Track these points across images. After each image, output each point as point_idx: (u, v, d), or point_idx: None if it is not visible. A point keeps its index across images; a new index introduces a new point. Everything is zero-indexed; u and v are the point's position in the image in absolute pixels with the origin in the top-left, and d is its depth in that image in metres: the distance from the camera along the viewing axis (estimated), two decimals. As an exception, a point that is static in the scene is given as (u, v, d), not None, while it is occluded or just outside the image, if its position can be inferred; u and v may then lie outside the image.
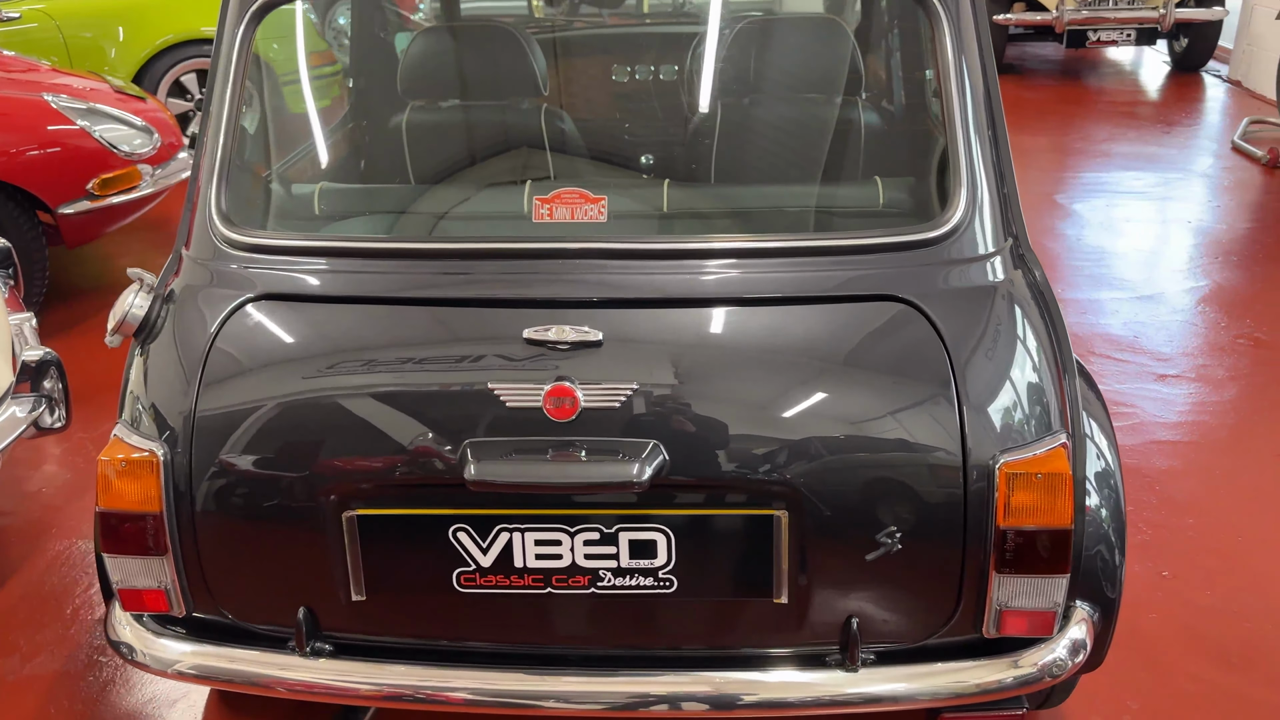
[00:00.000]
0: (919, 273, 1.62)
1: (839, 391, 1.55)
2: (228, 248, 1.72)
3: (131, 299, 1.71)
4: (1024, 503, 1.54)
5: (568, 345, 1.54)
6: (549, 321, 1.56)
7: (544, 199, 1.69)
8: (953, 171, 1.67)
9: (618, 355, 1.54)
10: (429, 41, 2.52)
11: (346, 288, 1.65)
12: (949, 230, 1.64)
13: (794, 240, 1.62)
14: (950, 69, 1.71)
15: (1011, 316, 1.63)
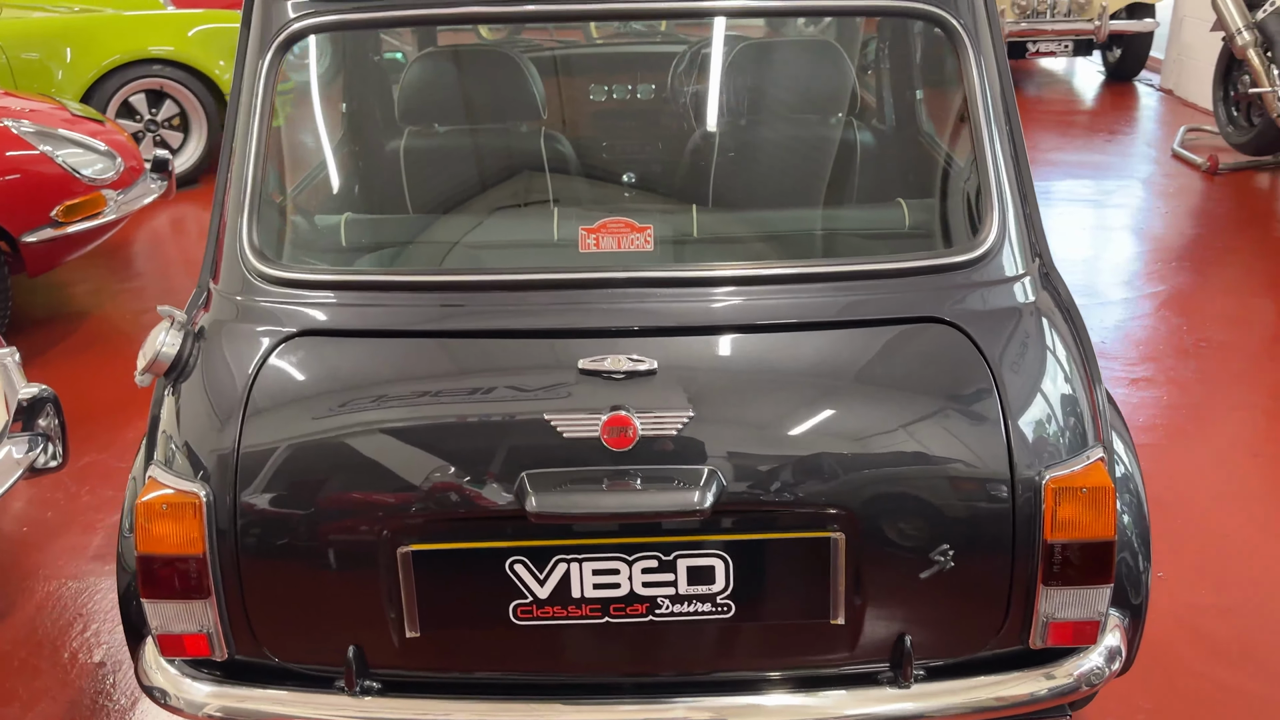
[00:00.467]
0: (958, 295, 1.65)
1: (889, 413, 1.58)
2: (263, 283, 1.69)
3: (163, 337, 1.68)
4: (1070, 516, 1.58)
5: (622, 375, 1.54)
6: (601, 351, 1.57)
7: (590, 229, 1.69)
8: (983, 194, 1.71)
9: (672, 383, 1.55)
10: (427, 66, 2.50)
11: (393, 321, 1.64)
12: (984, 253, 1.68)
13: (839, 265, 1.65)
14: (976, 93, 1.75)
15: (1047, 335, 1.68)
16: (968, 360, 1.60)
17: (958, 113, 2.04)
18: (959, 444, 1.57)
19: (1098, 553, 1.59)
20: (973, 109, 1.75)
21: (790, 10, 1.78)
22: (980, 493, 1.57)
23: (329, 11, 1.76)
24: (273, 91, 1.77)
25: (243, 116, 1.79)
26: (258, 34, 1.81)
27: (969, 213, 1.85)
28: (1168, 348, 3.97)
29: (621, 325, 1.58)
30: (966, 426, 1.58)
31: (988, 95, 1.76)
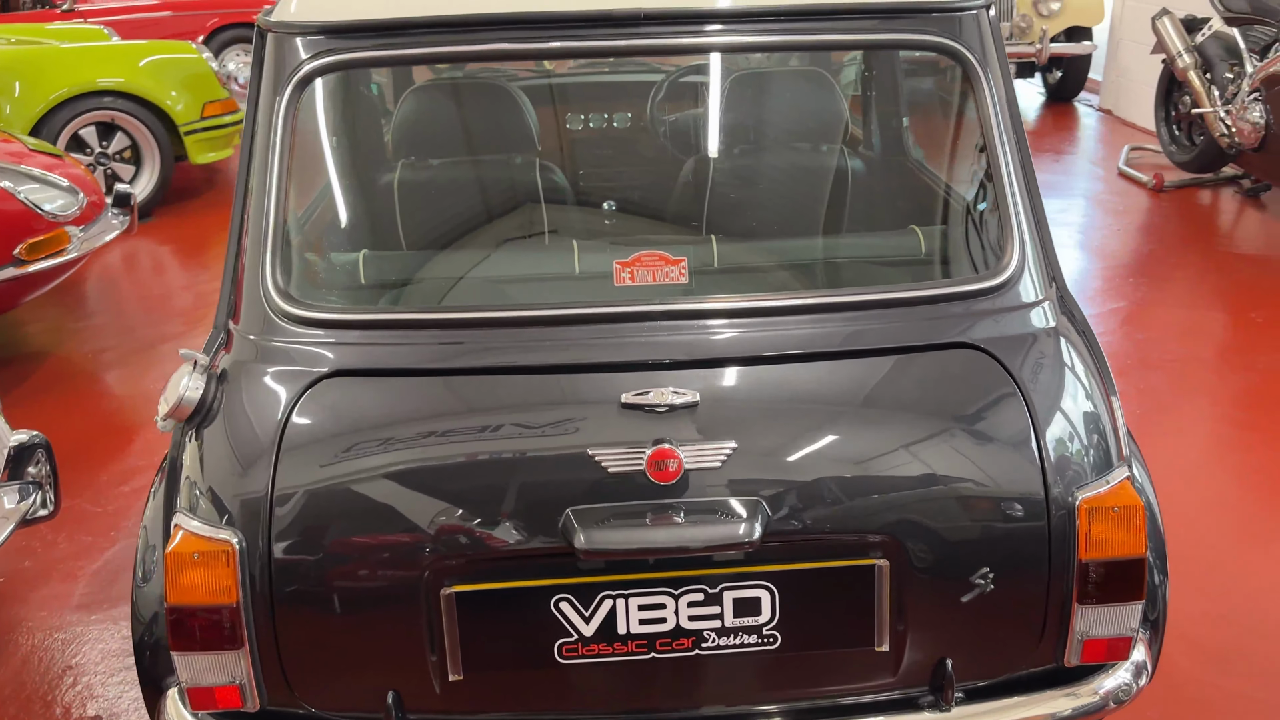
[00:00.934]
0: (985, 320, 1.68)
1: (928, 438, 1.60)
2: (290, 324, 1.66)
3: (186, 381, 1.64)
4: (1103, 535, 1.62)
5: (665, 408, 1.54)
6: (641, 384, 1.56)
7: (624, 262, 1.69)
8: (1003, 221, 1.75)
9: (714, 415, 1.55)
10: (421, 99, 2.49)
11: (428, 359, 1.62)
12: (1007, 278, 1.71)
13: (870, 293, 1.66)
14: (992, 122, 1.78)
15: (1070, 357, 1.71)
16: (1000, 385, 1.63)
17: (960, 139, 2.08)
18: (996, 467, 1.59)
19: (1130, 570, 1.63)
20: (989, 138, 1.79)
21: (801, 45, 1.80)
22: (1018, 515, 1.59)
23: (344, 50, 1.74)
24: (292, 130, 1.75)
25: (259, 155, 1.76)
26: (271, 72, 1.78)
27: (983, 238, 1.88)
28: (1134, 362, 4.07)
29: (663, 358, 1.58)
30: (1002, 450, 1.60)
31: (1002, 124, 1.80)
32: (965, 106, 1.92)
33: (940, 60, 2.01)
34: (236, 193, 1.84)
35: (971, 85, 1.81)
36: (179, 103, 5.98)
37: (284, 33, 1.77)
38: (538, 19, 1.68)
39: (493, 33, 1.70)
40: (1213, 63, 5.67)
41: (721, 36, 1.73)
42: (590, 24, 1.69)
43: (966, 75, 1.81)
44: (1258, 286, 4.76)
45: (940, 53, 1.81)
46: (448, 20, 1.69)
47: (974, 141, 1.99)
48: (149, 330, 4.56)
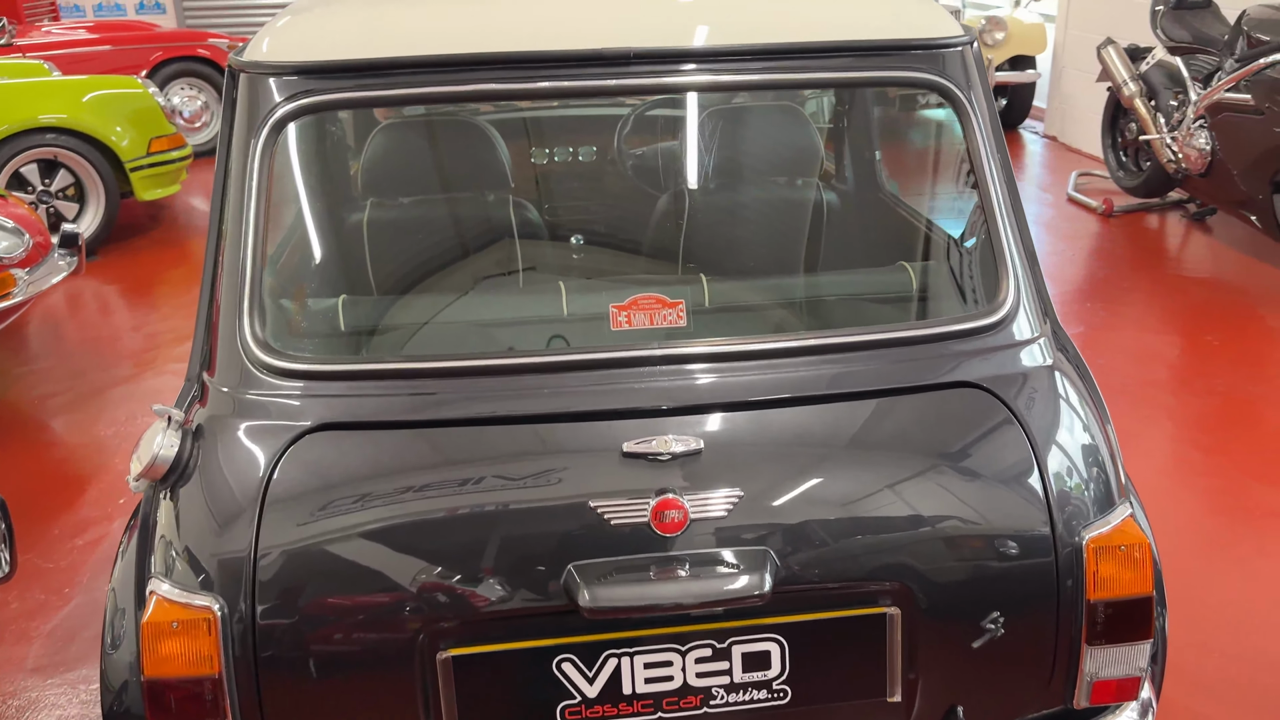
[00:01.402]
0: (985, 358, 1.66)
1: (935, 481, 1.57)
2: (270, 376, 1.59)
3: (160, 439, 1.56)
4: (1110, 574, 1.60)
5: (669, 456, 1.50)
6: (642, 432, 1.52)
7: (620, 306, 1.65)
8: (997, 258, 1.74)
9: (719, 462, 1.51)
10: (392, 137, 2.43)
11: (418, 410, 1.55)
12: (1003, 316, 1.69)
13: (871, 333, 1.63)
14: (983, 159, 1.78)
15: (1069, 394, 1.70)
16: (1003, 424, 1.61)
17: (941, 173, 2.07)
18: (1003, 508, 1.57)
19: (1138, 609, 1.61)
20: (979, 174, 1.78)
21: (789, 84, 1.78)
22: (1026, 556, 1.57)
23: (321, 91, 1.67)
24: (269, 175, 1.68)
25: (234, 200, 1.69)
26: (244, 115, 1.71)
27: (974, 274, 1.87)
28: (1105, 389, 4.10)
29: (664, 404, 1.54)
30: (1009, 490, 1.58)
31: (992, 160, 1.79)
32: (945, 141, 1.92)
33: (919, 95, 2.00)
34: (209, 238, 1.77)
35: (961, 122, 1.80)
36: (124, 138, 5.84)
37: (257, 73, 1.71)
38: (526, 59, 1.64)
39: (478, 72, 1.65)
40: (1157, 90, 5.80)
41: (709, 75, 1.70)
42: (578, 64, 1.65)
43: (957, 112, 1.80)
44: (1210, 309, 4.84)
45: (929, 89, 1.80)
46: (432, 60, 1.64)
47: (957, 176, 1.98)
48: (98, 374, 4.41)
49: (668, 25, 1.72)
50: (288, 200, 1.99)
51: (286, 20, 1.82)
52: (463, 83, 1.66)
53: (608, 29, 1.69)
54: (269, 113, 1.68)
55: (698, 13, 1.76)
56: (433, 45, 1.66)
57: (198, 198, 7.27)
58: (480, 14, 1.78)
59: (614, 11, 1.77)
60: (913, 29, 1.79)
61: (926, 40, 1.78)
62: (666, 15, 1.75)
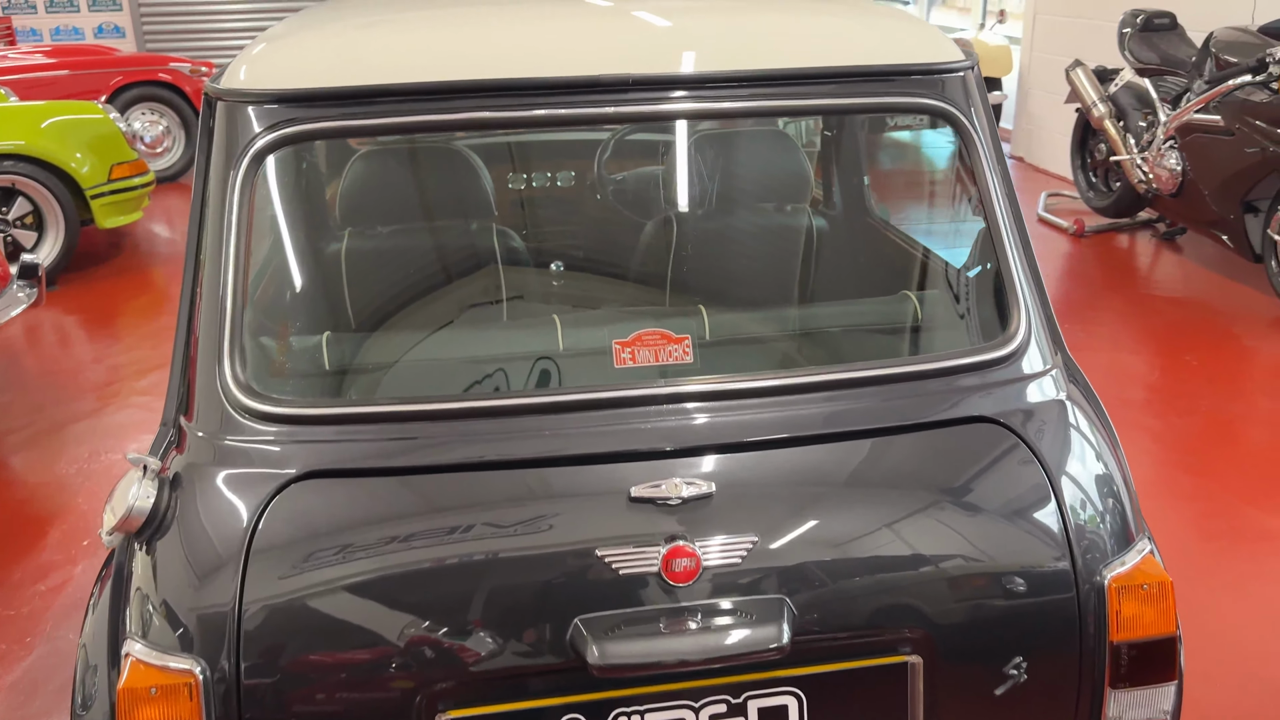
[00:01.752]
0: (999, 392, 1.61)
1: (955, 522, 1.51)
2: (253, 420, 1.50)
3: (135, 489, 1.46)
4: (1133, 615, 1.54)
5: (678, 500, 1.42)
6: (649, 475, 1.44)
7: (624, 342, 1.57)
8: (1006, 286, 1.68)
9: (731, 506, 1.44)
10: (372, 165, 2.35)
11: (410, 455, 1.47)
12: (1016, 348, 1.64)
13: (885, 367, 1.57)
14: (989, 186, 1.73)
15: (1085, 427, 1.65)
16: (1020, 460, 1.55)
17: (937, 199, 2.02)
18: (1024, 548, 1.51)
19: (1162, 650, 1.55)
20: (986, 201, 1.73)
21: (792, 110, 1.72)
22: (1050, 599, 1.51)
23: (304, 120, 1.59)
24: (249, 208, 1.59)
25: (212, 235, 1.60)
26: (223, 145, 1.63)
27: (980, 303, 1.82)
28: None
29: (673, 445, 1.47)
30: (1029, 529, 1.52)
31: (997, 186, 1.74)
32: (913, 161, 1.87)
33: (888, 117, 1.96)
34: (185, 273, 1.68)
35: (966, 148, 1.75)
36: (84, 165, 5.70)
37: (236, 102, 1.63)
38: (521, 85, 1.57)
39: (471, 100, 1.58)
40: (1126, 112, 5.84)
41: (709, 102, 1.64)
42: (576, 90, 1.59)
43: (961, 138, 1.75)
44: (1186, 329, 4.85)
45: (933, 115, 1.75)
46: (423, 88, 1.57)
47: (952, 200, 1.94)
48: (59, 409, 4.27)
49: (666, 51, 1.67)
50: (266, 232, 1.90)
51: (265, 46, 1.75)
52: (455, 111, 1.58)
53: (604, 55, 1.62)
54: (249, 143, 1.60)
55: (696, 38, 1.71)
56: (422, 72, 1.59)
57: (160, 225, 7.12)
58: (470, 39, 1.71)
59: (611, 37, 1.71)
60: (915, 54, 1.75)
61: (929, 65, 1.74)
62: (665, 40, 1.69)
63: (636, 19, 1.79)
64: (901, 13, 1.88)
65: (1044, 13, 8.03)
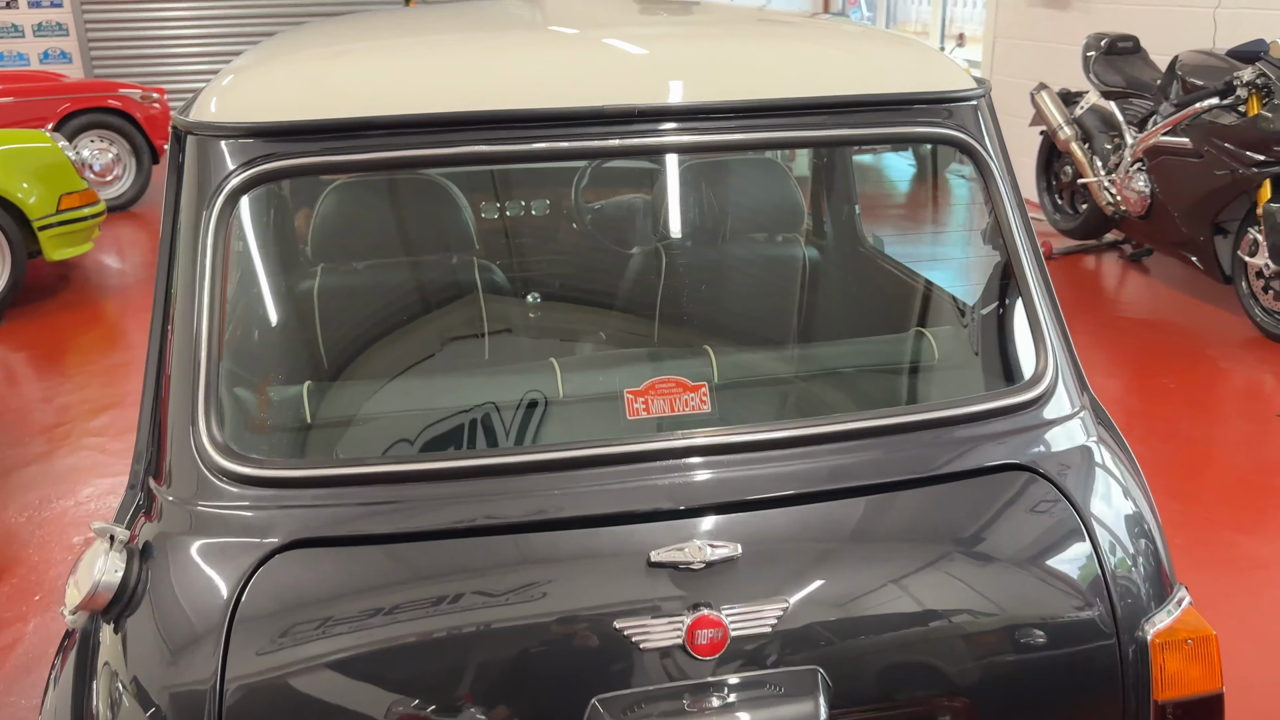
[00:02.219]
0: (1030, 437, 1.52)
1: (993, 580, 1.41)
2: (233, 484, 1.37)
3: (102, 563, 1.32)
4: (1177, 671, 1.46)
5: (702, 564, 1.31)
6: (669, 537, 1.33)
7: (636, 391, 1.46)
8: (1034, 326, 1.60)
9: (759, 569, 1.33)
10: (345, 198, 2.22)
11: (407, 520, 1.35)
12: (1045, 389, 1.56)
13: (912, 414, 1.48)
14: (1010, 220, 1.65)
15: (1116, 472, 1.57)
16: (1057, 510, 1.47)
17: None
18: (1065, 605, 1.42)
19: (1208, 708, 1.47)
20: (1006, 234, 1.65)
21: (806, 142, 1.63)
22: (1093, 658, 1.42)
23: (285, 155, 1.47)
24: (224, 250, 1.47)
25: (184, 279, 1.47)
26: (194, 183, 1.51)
27: (1000, 343, 1.74)
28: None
29: (693, 503, 1.36)
30: (1069, 584, 1.43)
31: (1016, 218, 1.67)
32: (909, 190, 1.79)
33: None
34: (154, 321, 1.55)
35: (985, 181, 1.68)
36: (32, 195, 5.49)
37: (208, 136, 1.50)
38: (521, 118, 1.47)
39: (467, 134, 1.47)
40: (1092, 134, 5.86)
41: (722, 134, 1.55)
42: (579, 122, 1.48)
43: (980, 170, 1.67)
44: (1160, 351, 4.84)
45: (949, 144, 1.67)
46: (415, 120, 1.46)
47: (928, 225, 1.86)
48: (7, 451, 4.06)
49: (674, 80, 1.57)
50: (239, 273, 1.77)
51: (237, 76, 1.63)
52: (448, 145, 1.47)
53: (609, 85, 1.52)
54: (224, 180, 1.48)
55: (706, 67, 1.61)
56: (414, 104, 1.48)
57: (111, 256, 6.90)
58: (460, 69, 1.60)
59: (614, 66, 1.61)
60: (929, 82, 1.67)
61: (944, 93, 1.66)
62: (672, 69, 1.59)
63: (637, 47, 1.70)
64: (911, 40, 1.81)
65: (1004, 37, 8.08)
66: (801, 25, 2.00)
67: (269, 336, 1.84)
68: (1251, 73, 4.57)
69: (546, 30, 1.88)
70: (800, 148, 2.32)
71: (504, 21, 2.11)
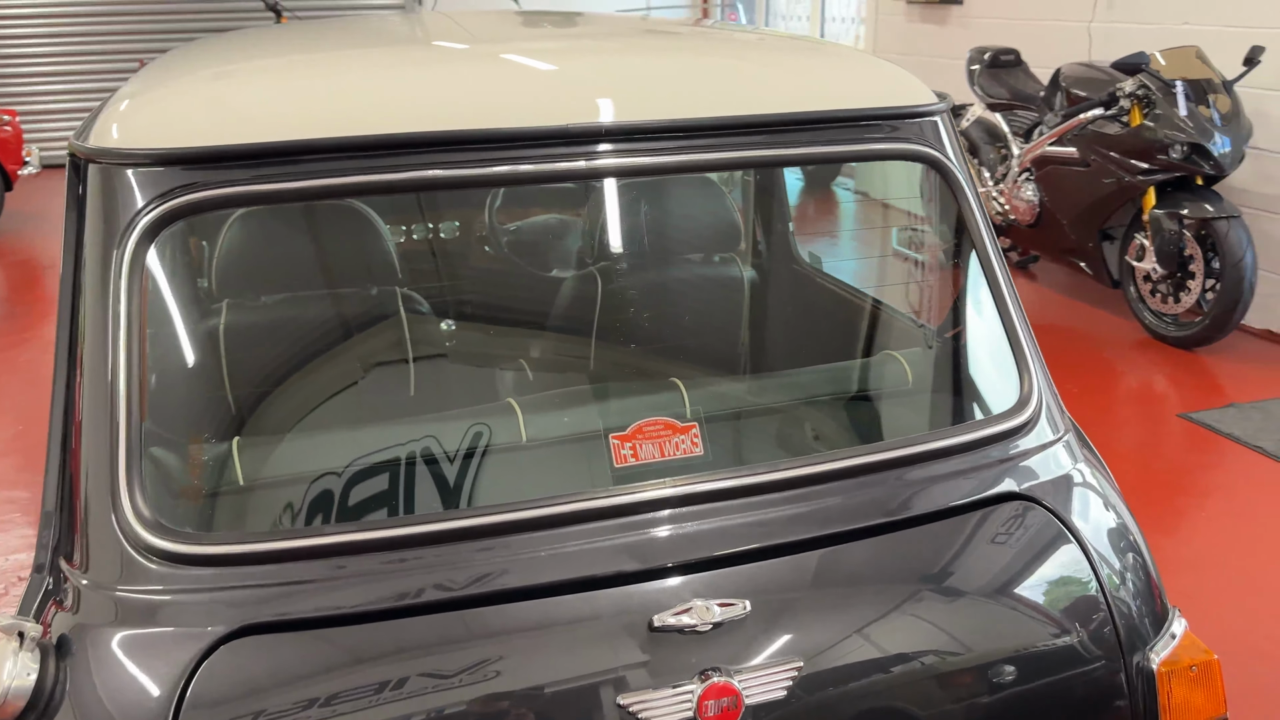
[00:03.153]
0: (1021, 464, 1.46)
1: (1008, 617, 1.34)
2: (165, 564, 1.19)
3: (11, 666, 1.13)
4: (1184, 699, 1.41)
5: (709, 626, 1.20)
6: (670, 598, 1.21)
7: (622, 436, 1.33)
8: (1015, 347, 1.55)
9: (769, 626, 1.22)
10: (252, 226, 2.03)
11: (376, 595, 1.19)
12: (1031, 414, 1.50)
13: (908, 447, 1.40)
14: (982, 234, 1.59)
15: (1105, 496, 1.52)
16: (1058, 539, 1.41)
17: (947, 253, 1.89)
18: (1077, 638, 1.36)
19: (1216, 735, 1.43)
20: (980, 250, 1.59)
21: (778, 160, 1.55)
22: (1104, 689, 1.36)
23: (208, 185, 1.30)
24: (141, 293, 1.29)
25: (94, 328, 1.28)
26: (101, 216, 1.32)
27: (975, 365, 1.68)
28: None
29: (691, 558, 1.24)
30: (1078, 616, 1.37)
31: (986, 234, 1.61)
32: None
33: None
34: (56, 379, 1.35)
35: (956, 198, 1.62)
36: None
37: (117, 164, 1.32)
38: (480, 138, 1.33)
39: (418, 156, 1.32)
40: (978, 146, 5.98)
41: (693, 154, 1.44)
42: (542, 143, 1.36)
43: (951, 187, 1.61)
44: (1060, 356, 4.95)
45: (917, 160, 1.61)
46: (360, 143, 1.30)
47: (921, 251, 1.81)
48: None
49: (638, 97, 1.46)
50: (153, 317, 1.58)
51: (145, 96, 1.44)
52: (399, 169, 1.32)
53: (570, 103, 1.40)
54: (137, 214, 1.29)
55: (676, 84, 1.51)
56: (356, 125, 1.32)
57: (-38, 292, 6.38)
58: (407, 85, 1.46)
59: (575, 83, 1.49)
60: (894, 97, 1.60)
61: (910, 109, 1.59)
62: (636, 86, 1.48)
63: (580, 63, 1.59)
64: (869, 56, 1.74)
65: (884, 52, 8.24)
66: (757, 40, 1.92)
67: (186, 387, 1.65)
68: (1133, 84, 4.72)
69: (476, 46, 1.75)
70: (767, 167, 2.23)
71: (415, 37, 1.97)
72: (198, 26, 9.63)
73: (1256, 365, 4.74)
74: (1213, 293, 4.69)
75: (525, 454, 1.48)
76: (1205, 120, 4.57)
